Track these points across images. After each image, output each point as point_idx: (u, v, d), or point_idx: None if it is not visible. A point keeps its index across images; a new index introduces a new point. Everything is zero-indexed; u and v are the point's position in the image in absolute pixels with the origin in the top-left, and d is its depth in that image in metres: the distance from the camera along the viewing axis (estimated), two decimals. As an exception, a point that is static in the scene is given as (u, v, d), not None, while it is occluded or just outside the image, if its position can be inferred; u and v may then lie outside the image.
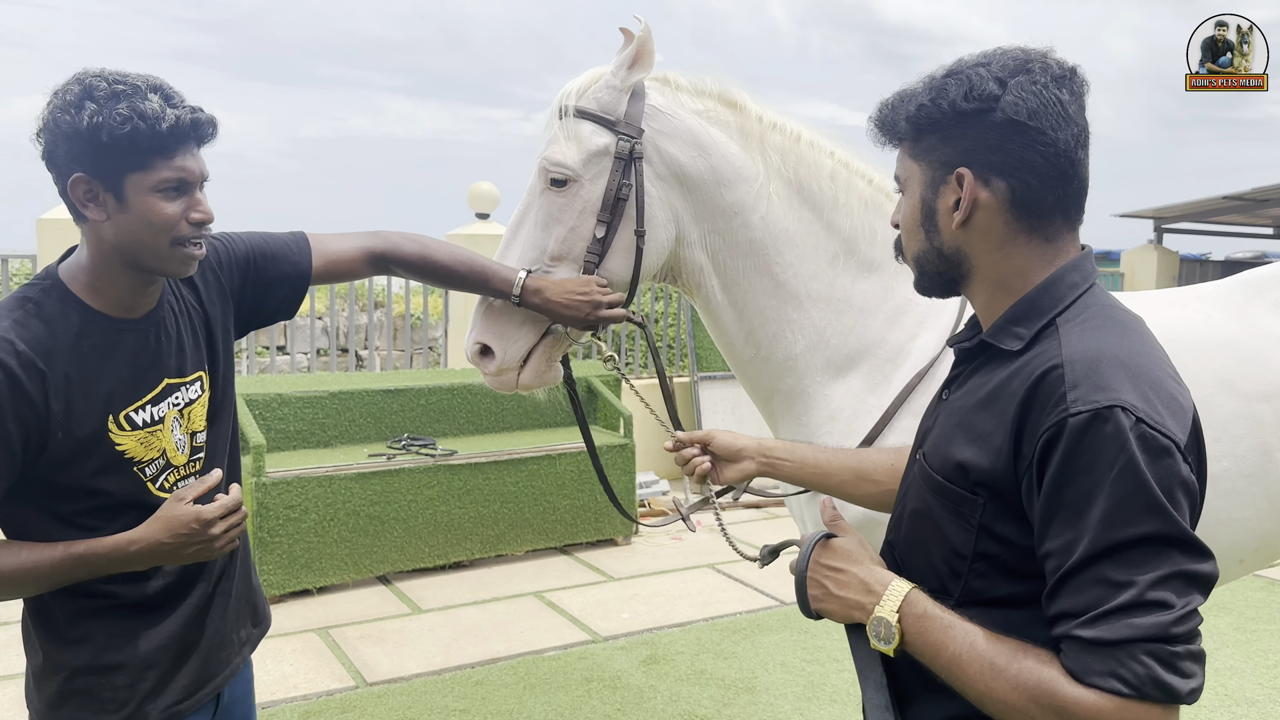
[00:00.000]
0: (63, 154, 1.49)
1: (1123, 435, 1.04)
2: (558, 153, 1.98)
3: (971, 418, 1.20)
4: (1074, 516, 1.05)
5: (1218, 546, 2.16)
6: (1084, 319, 1.17)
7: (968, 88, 1.19)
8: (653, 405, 2.18)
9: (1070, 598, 1.05)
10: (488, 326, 2.04)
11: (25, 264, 7.57)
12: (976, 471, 1.15)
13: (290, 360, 8.02)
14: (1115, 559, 1.03)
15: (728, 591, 5.06)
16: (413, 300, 8.20)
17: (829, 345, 2.09)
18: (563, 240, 1.99)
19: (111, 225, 1.52)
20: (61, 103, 1.48)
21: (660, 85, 2.05)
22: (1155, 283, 12.38)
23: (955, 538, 1.19)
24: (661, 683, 4.02)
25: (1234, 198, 11.58)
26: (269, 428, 5.18)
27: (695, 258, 2.08)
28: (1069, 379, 1.09)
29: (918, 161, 1.26)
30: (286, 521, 4.75)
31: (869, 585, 1.22)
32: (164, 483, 1.67)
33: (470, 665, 4.17)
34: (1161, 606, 1.01)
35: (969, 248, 1.24)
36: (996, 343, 1.22)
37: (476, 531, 5.33)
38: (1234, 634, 4.63)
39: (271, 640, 4.34)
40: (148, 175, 1.50)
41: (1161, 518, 1.03)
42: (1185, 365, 2.17)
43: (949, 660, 1.12)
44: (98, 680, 1.64)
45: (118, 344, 1.60)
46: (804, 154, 2.07)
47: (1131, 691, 1.00)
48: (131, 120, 1.45)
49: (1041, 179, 1.19)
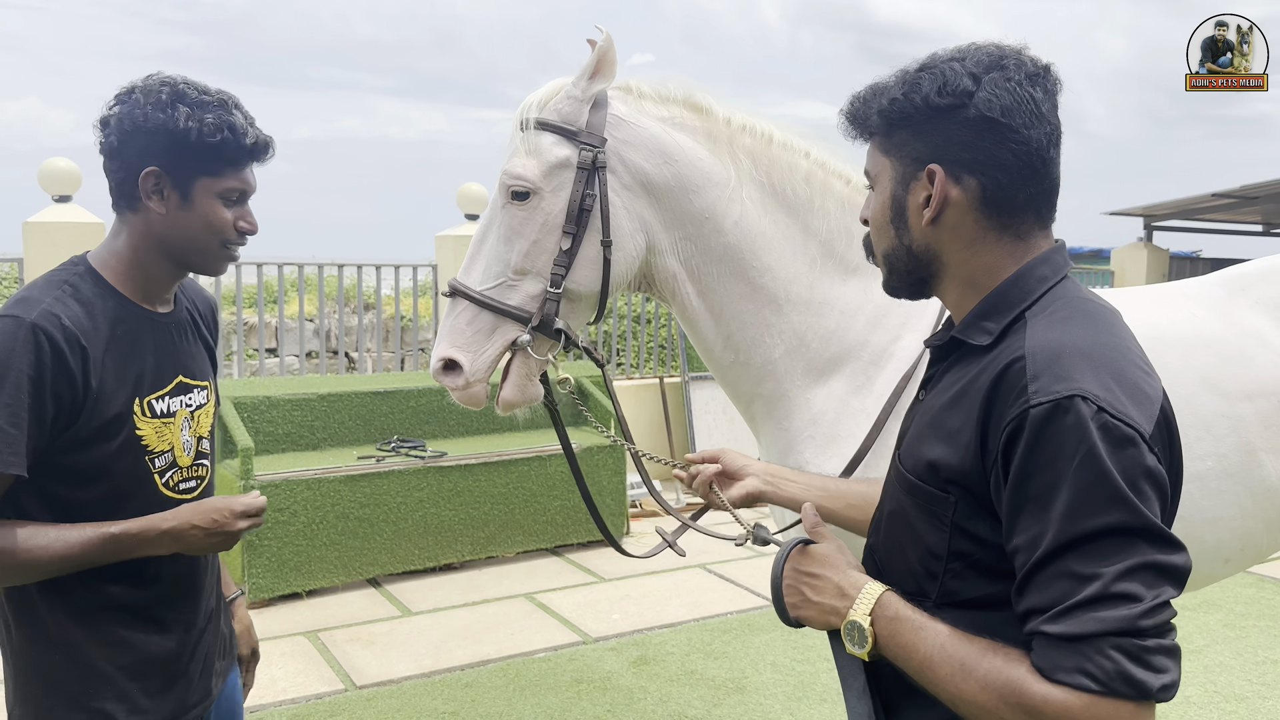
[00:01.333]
0: (138, 147, 1.58)
1: (1083, 425, 1.02)
2: (517, 166, 1.96)
3: (941, 416, 1.19)
4: (1039, 510, 1.03)
5: (1203, 545, 2.16)
6: (1051, 311, 1.16)
7: (941, 83, 1.17)
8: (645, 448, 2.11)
9: (1036, 594, 1.03)
10: (453, 341, 2.01)
11: (12, 267, 7.54)
12: (946, 469, 1.14)
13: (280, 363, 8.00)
14: (1080, 552, 1.00)
15: (718, 592, 5.05)
16: (403, 302, 8.18)
17: (809, 349, 2.07)
18: (525, 254, 1.97)
19: (168, 220, 1.62)
20: (155, 101, 1.58)
21: (623, 94, 2.03)
22: (1145, 280, 12.41)
23: (930, 538, 1.18)
24: (652, 683, 4.02)
25: (1223, 195, 11.60)
26: (257, 430, 5.16)
27: (668, 265, 2.06)
28: (1030, 370, 1.07)
29: (889, 156, 1.24)
30: (275, 524, 4.74)
31: (843, 589, 1.20)
32: (170, 479, 1.70)
33: (460, 667, 4.15)
34: (1129, 599, 0.98)
35: (939, 245, 1.23)
36: (966, 338, 1.21)
37: (467, 533, 5.32)
38: (1223, 630, 4.64)
39: (261, 643, 4.32)
40: (217, 181, 1.63)
41: (1125, 508, 1.00)
42: (1168, 364, 2.17)
43: (920, 662, 1.10)
44: (81, 688, 1.63)
45: (146, 332, 1.67)
46: (777, 156, 2.05)
47: (1100, 688, 0.97)
48: (223, 131, 1.59)
49: (1013, 177, 1.18)
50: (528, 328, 1.98)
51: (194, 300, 1.86)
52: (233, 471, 4.78)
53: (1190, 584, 2.27)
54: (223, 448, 5.04)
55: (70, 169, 5.79)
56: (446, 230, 7.12)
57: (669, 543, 1.97)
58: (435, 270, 7.18)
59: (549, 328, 1.98)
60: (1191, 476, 2.10)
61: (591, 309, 2.05)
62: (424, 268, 7.25)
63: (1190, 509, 2.11)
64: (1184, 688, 4.03)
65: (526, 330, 1.98)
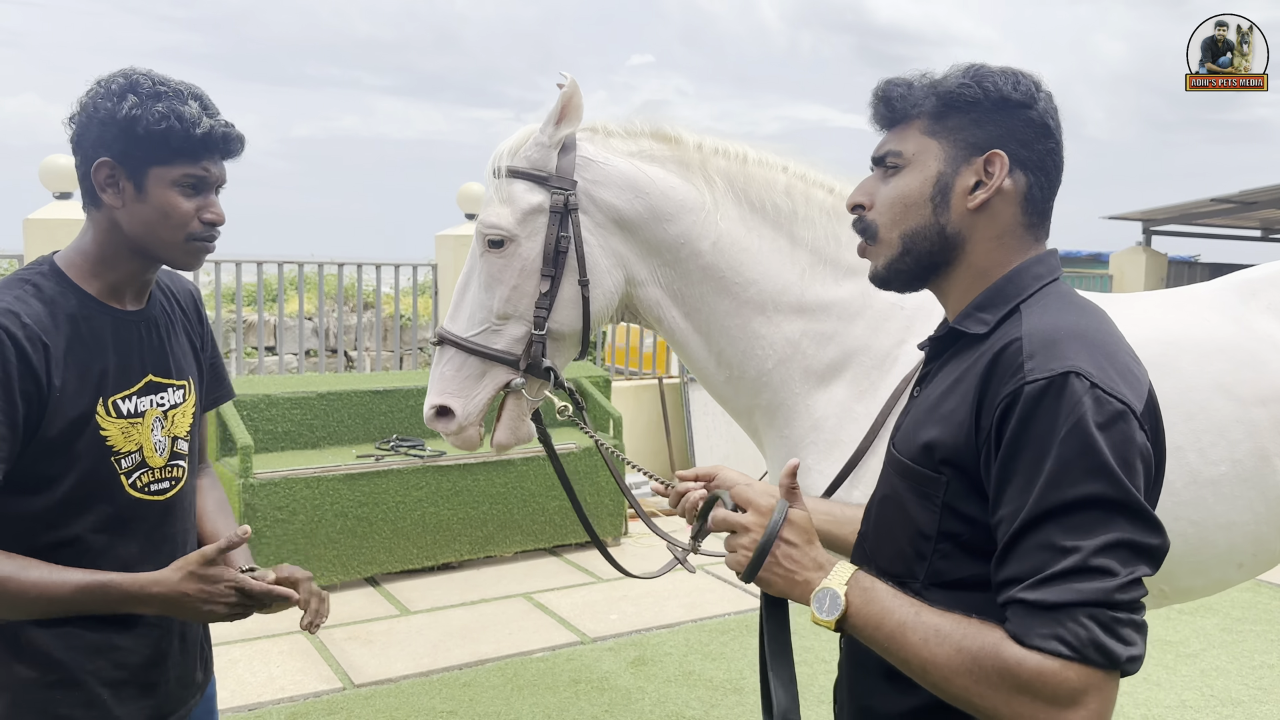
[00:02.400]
0: (93, 138, 1.55)
1: (1075, 398, 1.06)
2: (491, 215, 2.02)
3: (937, 402, 1.22)
4: (1025, 483, 1.06)
5: (1217, 550, 2.16)
6: (1044, 303, 1.21)
7: (1015, 80, 1.24)
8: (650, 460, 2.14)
9: (1016, 563, 1.06)
10: (444, 388, 2.07)
11: (12, 264, 7.54)
12: (941, 449, 1.17)
13: (279, 361, 8.00)
14: (1060, 522, 1.04)
15: (716, 593, 5.06)
16: (403, 301, 8.19)
17: (806, 355, 2.09)
18: (507, 300, 2.03)
19: (126, 213, 1.58)
20: (105, 91, 1.55)
21: (591, 134, 2.08)
22: (1144, 284, 12.42)
23: (920, 518, 1.21)
24: (649, 684, 4.02)
25: (1222, 200, 11.62)
26: (256, 428, 5.17)
27: (649, 295, 2.11)
28: (1027, 349, 1.12)
29: (936, 138, 1.26)
30: (274, 523, 4.74)
31: (819, 562, 1.21)
32: (138, 480, 1.65)
33: (458, 666, 4.16)
34: (1105, 573, 1.02)
35: (970, 231, 1.25)
36: (963, 328, 1.25)
37: (465, 533, 5.32)
38: (1220, 635, 4.65)
39: (259, 641, 4.33)
40: (169, 170, 1.57)
41: (1108, 480, 1.04)
42: (1183, 369, 2.18)
43: (892, 629, 1.11)
44: (50, 696, 1.58)
45: (111, 330, 1.63)
46: (753, 174, 2.09)
47: (1073, 654, 1.01)
48: (168, 119, 1.54)
49: (1048, 183, 1.26)
50: (520, 370, 2.04)
51: (173, 293, 1.81)
52: (232, 469, 4.78)
53: (1204, 590, 2.28)
54: (222, 445, 5.05)
55: (71, 166, 5.79)
56: (447, 230, 7.13)
57: (679, 560, 1.99)
58: (435, 269, 7.19)
59: (538, 368, 2.04)
60: (1206, 482, 2.10)
61: (575, 346, 2.11)
62: (424, 267, 7.26)
63: (1204, 514, 2.12)
64: (1180, 692, 4.04)
65: (520, 374, 2.04)
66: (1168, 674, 4.20)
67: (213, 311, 7.70)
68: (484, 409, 2.08)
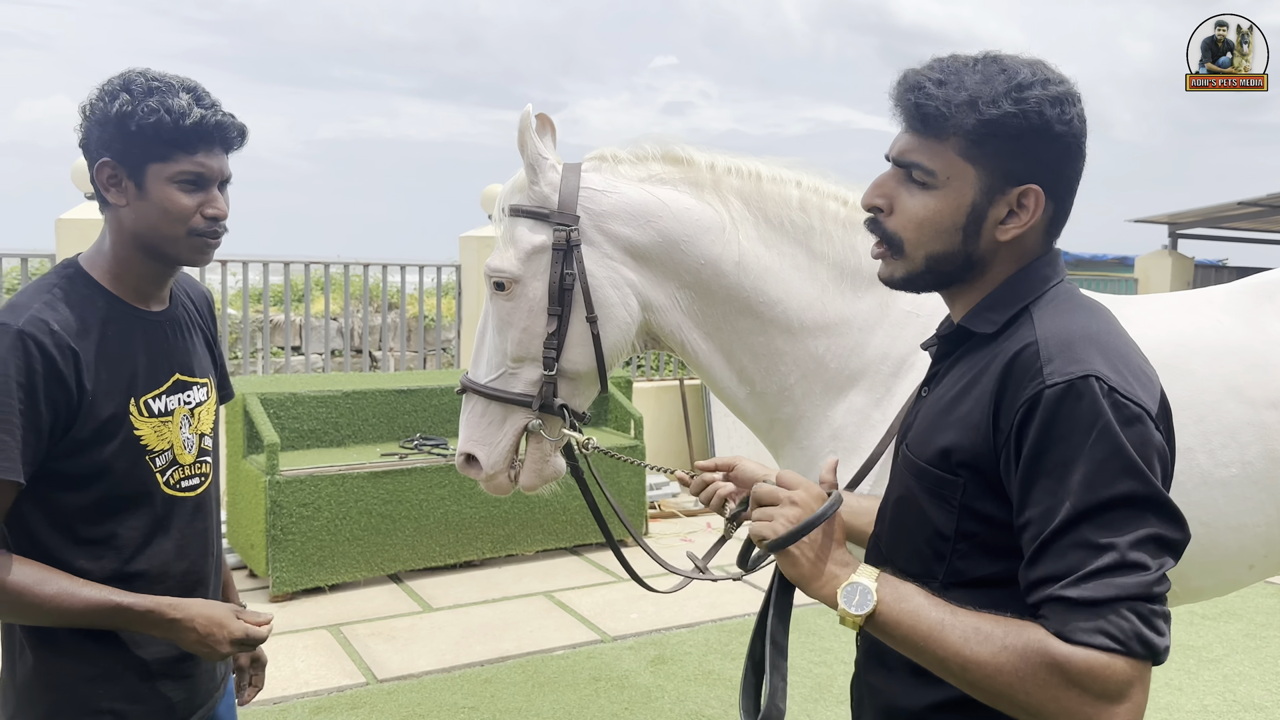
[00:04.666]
0: (95, 139, 1.58)
1: (1098, 403, 1.08)
2: (495, 260, 2.00)
3: (950, 405, 1.23)
4: (1053, 484, 1.08)
5: (1228, 551, 2.16)
6: (1054, 305, 1.23)
7: (1061, 109, 1.19)
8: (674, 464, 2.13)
9: (1052, 562, 1.07)
10: (469, 435, 2.07)
11: (44, 263, 7.66)
12: (958, 452, 1.18)
13: (305, 361, 8.08)
14: (1095, 521, 1.06)
15: (736, 593, 5.07)
16: (426, 302, 8.26)
17: (828, 369, 2.07)
18: (518, 342, 2.01)
19: (130, 211, 1.59)
20: (101, 92, 1.57)
21: (597, 164, 2.04)
22: (1169, 288, 12.32)
23: (938, 519, 1.22)
24: (669, 683, 4.05)
25: (1250, 203, 11.50)
26: (283, 426, 5.23)
27: (670, 320, 2.07)
28: (1044, 354, 1.13)
29: (972, 164, 1.21)
30: (300, 519, 4.80)
31: (846, 560, 1.20)
32: (171, 478, 1.68)
33: (479, 663, 4.20)
34: (1140, 568, 1.04)
35: (995, 256, 1.25)
36: (972, 327, 1.26)
37: (487, 531, 5.37)
38: (1243, 640, 4.62)
39: (284, 636, 4.38)
40: (166, 166, 1.57)
41: (1138, 478, 1.07)
42: (1194, 370, 2.18)
43: (929, 628, 1.10)
44: (94, 690, 1.61)
45: (138, 331, 1.65)
46: (768, 190, 2.05)
47: (1119, 646, 1.03)
48: (158, 113, 1.54)
49: (1071, 202, 1.27)
50: (535, 412, 2.03)
51: (188, 294, 1.83)
52: (259, 467, 4.85)
53: (1215, 590, 2.28)
54: (248, 443, 5.11)
55: (102, 167, 5.87)
56: (470, 231, 7.18)
57: (700, 568, 1.99)
58: (459, 270, 7.24)
59: (551, 409, 2.03)
60: (1216, 483, 2.10)
61: (594, 383, 2.08)
62: (448, 268, 7.31)
63: (1215, 515, 2.12)
64: (1203, 696, 4.02)
65: (535, 415, 2.04)
66: (1190, 679, 4.18)
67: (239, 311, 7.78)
68: (508, 455, 2.07)
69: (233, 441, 5.20)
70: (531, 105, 1.98)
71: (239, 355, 7.68)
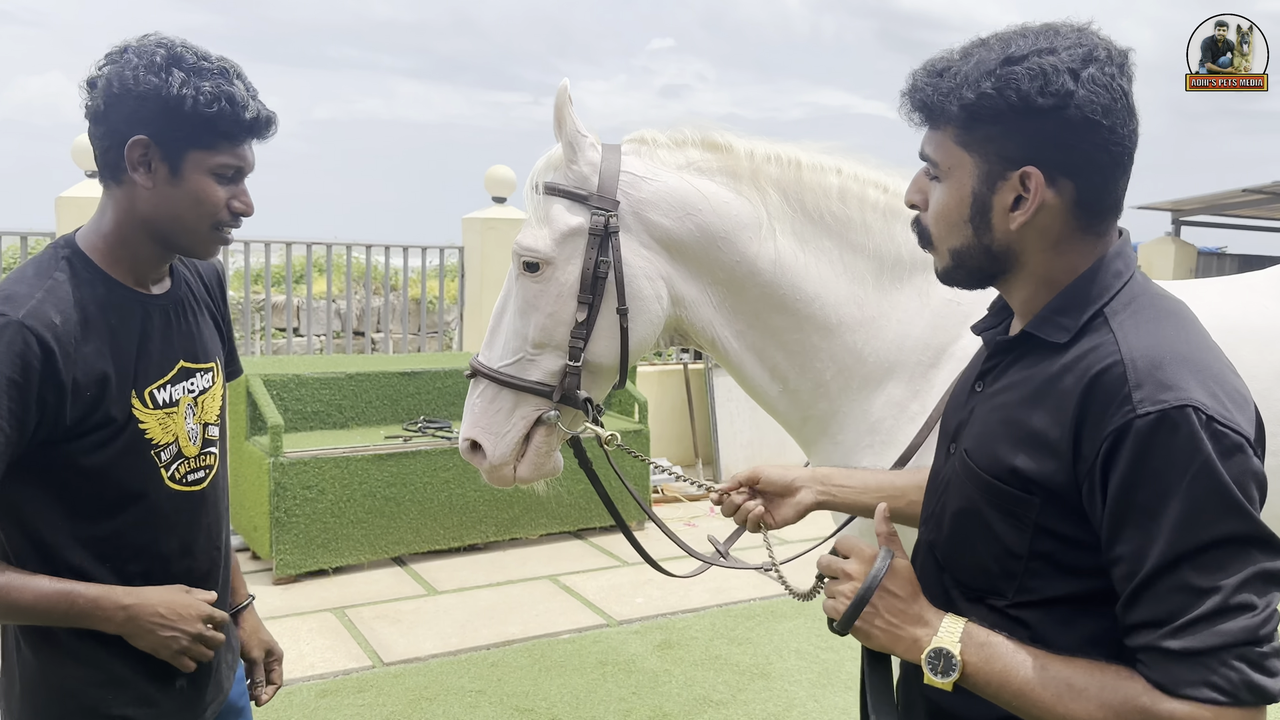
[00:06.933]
0: (126, 112, 1.44)
1: (1196, 436, 1.01)
2: (528, 238, 1.89)
3: (1019, 415, 1.15)
4: (1146, 520, 1.02)
5: None
6: (1134, 310, 1.13)
7: (1042, 82, 1.09)
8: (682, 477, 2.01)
9: (1150, 606, 1.02)
10: (476, 420, 1.96)
11: (42, 241, 7.61)
12: (1032, 473, 1.11)
13: (305, 342, 8.04)
14: (1195, 563, 1.00)
15: (742, 578, 5.06)
16: (428, 284, 8.22)
17: (866, 364, 1.99)
18: (542, 328, 1.90)
19: (154, 195, 1.49)
20: (147, 62, 1.44)
21: (637, 146, 1.95)
22: (1172, 275, 12.30)
23: (1008, 537, 1.15)
24: (676, 667, 4.03)
25: (1254, 190, 11.47)
26: (286, 408, 5.20)
27: (701, 315, 1.98)
28: (1132, 378, 1.05)
29: (969, 151, 1.16)
30: (303, 502, 4.77)
31: (924, 617, 1.16)
32: (175, 472, 1.61)
33: (485, 647, 4.19)
34: (1247, 610, 0.99)
35: (1021, 246, 1.17)
36: (1041, 335, 1.17)
37: (491, 514, 5.35)
38: None
39: (289, 619, 4.36)
40: (210, 156, 1.48)
41: (1241, 517, 1.01)
42: (1244, 357, 2.13)
43: (1020, 687, 1.07)
44: (103, 696, 1.56)
45: (141, 318, 1.56)
46: (808, 180, 1.96)
47: (1227, 699, 0.98)
48: (220, 101, 1.45)
49: (1105, 177, 1.14)
50: (553, 402, 1.93)
51: (197, 270, 1.73)
52: (262, 448, 4.82)
53: None
54: (251, 425, 5.08)
55: (102, 144, 5.82)
56: (473, 213, 7.13)
57: (721, 552, 1.91)
58: (462, 253, 7.20)
59: (574, 402, 1.92)
60: (1270, 472, 2.08)
61: (614, 376, 1.99)
62: (451, 250, 7.27)
63: (1265, 506, 2.09)
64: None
65: (553, 406, 1.93)
66: None
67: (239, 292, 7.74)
68: (515, 446, 1.97)
69: (236, 423, 5.16)
70: (568, 80, 1.89)
71: (241, 336, 7.64)
